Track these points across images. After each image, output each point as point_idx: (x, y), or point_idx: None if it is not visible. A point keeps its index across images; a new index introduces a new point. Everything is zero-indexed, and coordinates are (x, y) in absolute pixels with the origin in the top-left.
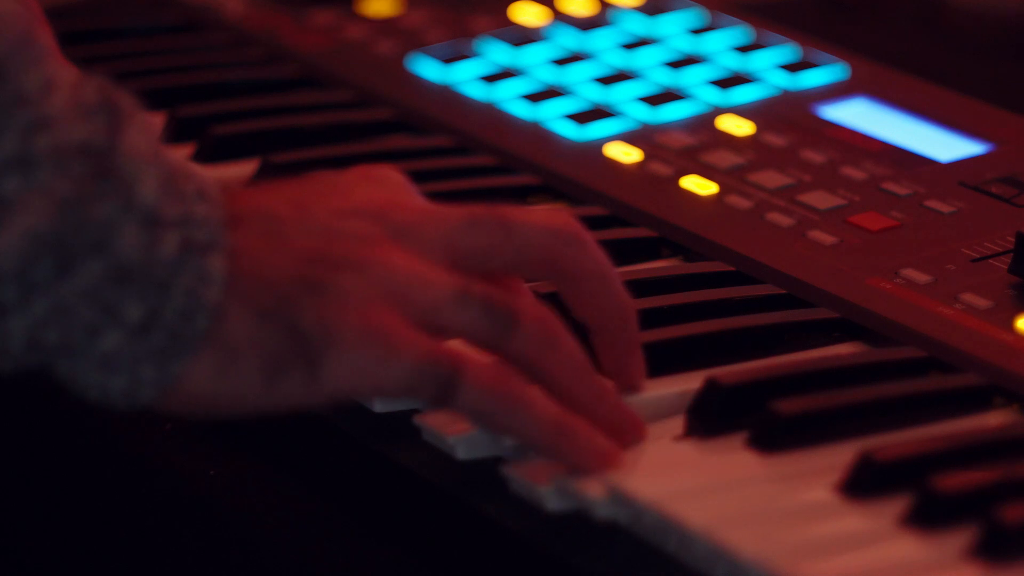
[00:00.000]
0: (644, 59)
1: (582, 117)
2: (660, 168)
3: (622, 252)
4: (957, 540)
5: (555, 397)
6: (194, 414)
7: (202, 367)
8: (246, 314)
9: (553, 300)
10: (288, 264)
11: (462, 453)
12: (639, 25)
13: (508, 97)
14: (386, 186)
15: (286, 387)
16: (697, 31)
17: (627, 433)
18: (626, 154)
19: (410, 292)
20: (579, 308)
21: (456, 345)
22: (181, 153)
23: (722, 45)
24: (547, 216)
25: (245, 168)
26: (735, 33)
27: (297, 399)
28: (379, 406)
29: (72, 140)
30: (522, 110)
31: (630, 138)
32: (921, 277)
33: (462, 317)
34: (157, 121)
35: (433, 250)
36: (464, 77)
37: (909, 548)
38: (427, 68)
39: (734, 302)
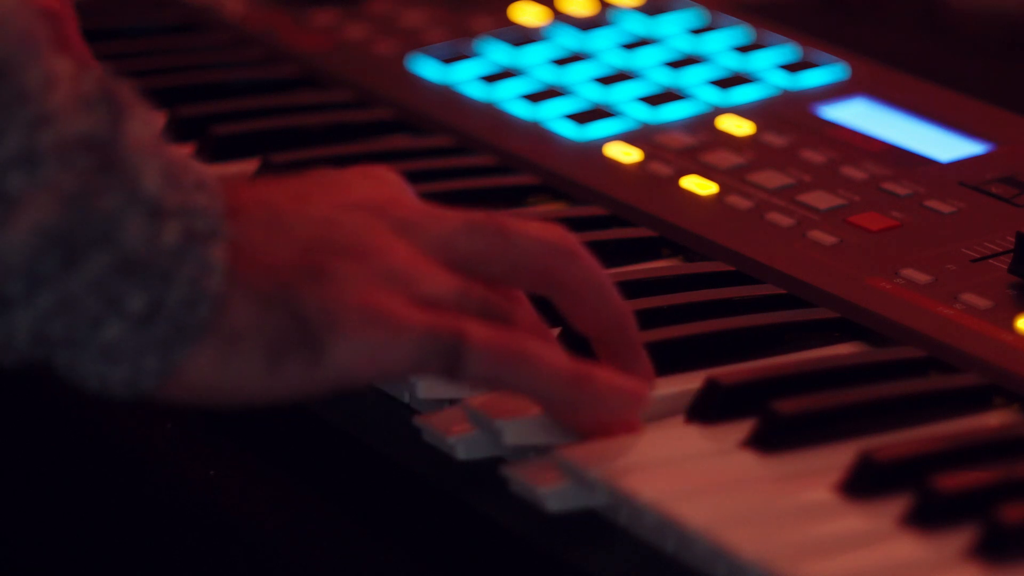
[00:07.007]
0: (644, 59)
1: (582, 117)
2: (660, 168)
3: (622, 252)
4: (957, 540)
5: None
6: (196, 403)
7: (204, 356)
8: (248, 302)
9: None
10: (289, 252)
11: (462, 453)
12: (639, 25)
13: (508, 97)
14: (385, 184)
15: (289, 374)
16: (697, 31)
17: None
18: (626, 154)
19: (411, 281)
20: (577, 320)
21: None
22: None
23: (722, 45)
24: (543, 228)
25: (245, 168)
26: (735, 33)
27: (300, 386)
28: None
29: (75, 134)
30: (522, 110)
31: (630, 138)
32: (921, 277)
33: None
34: (157, 112)
35: (432, 248)
36: (464, 77)
37: (909, 548)
38: (427, 68)
39: (734, 302)
